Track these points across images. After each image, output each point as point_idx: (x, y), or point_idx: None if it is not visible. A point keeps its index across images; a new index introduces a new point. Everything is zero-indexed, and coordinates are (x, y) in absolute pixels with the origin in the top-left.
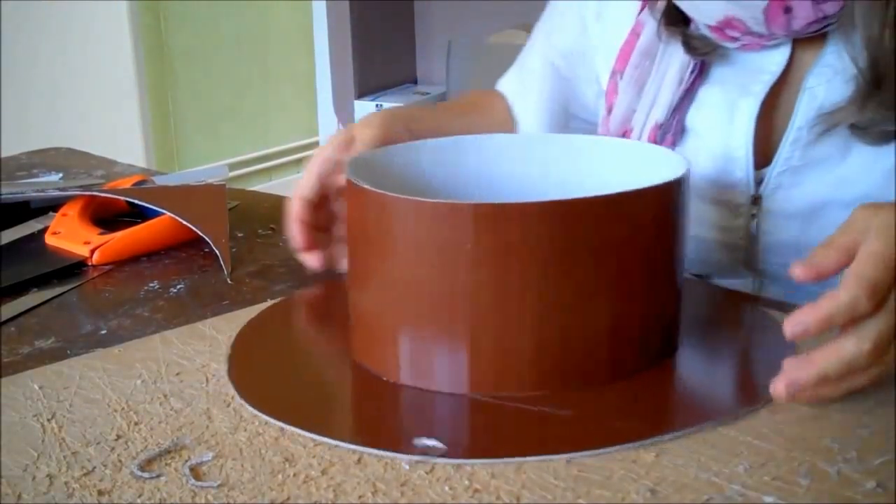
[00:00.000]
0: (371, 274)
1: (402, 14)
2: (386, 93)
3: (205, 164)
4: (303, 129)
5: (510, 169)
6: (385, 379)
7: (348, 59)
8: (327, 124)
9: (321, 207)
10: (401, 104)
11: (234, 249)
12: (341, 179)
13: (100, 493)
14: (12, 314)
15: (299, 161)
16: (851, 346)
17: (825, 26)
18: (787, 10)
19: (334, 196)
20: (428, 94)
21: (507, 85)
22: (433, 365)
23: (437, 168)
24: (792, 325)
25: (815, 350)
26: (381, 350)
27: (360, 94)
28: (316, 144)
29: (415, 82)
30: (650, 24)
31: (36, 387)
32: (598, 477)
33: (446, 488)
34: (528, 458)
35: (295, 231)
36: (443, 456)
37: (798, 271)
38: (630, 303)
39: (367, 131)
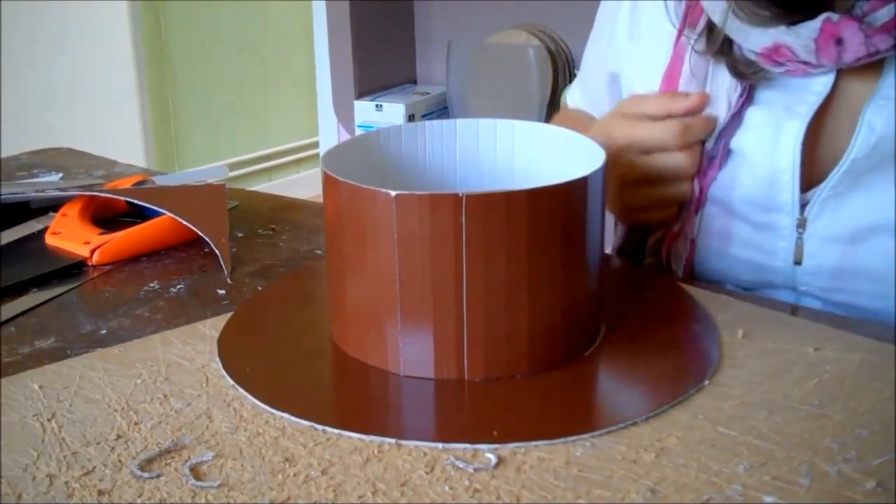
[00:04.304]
0: (354, 264)
1: (402, 14)
2: (386, 93)
3: (205, 164)
4: (303, 129)
5: (476, 155)
6: (366, 363)
7: (348, 59)
8: (327, 124)
9: None
10: (401, 104)
11: (234, 249)
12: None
13: (100, 493)
14: (12, 314)
15: (299, 161)
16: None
17: (874, 59)
18: (839, 41)
19: None
20: (428, 93)
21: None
22: (417, 351)
23: (408, 153)
24: None
25: None
26: (363, 338)
27: (360, 94)
28: (316, 144)
29: (415, 82)
30: (690, 48)
31: (36, 387)
32: (598, 477)
33: (446, 488)
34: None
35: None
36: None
37: None
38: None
39: None
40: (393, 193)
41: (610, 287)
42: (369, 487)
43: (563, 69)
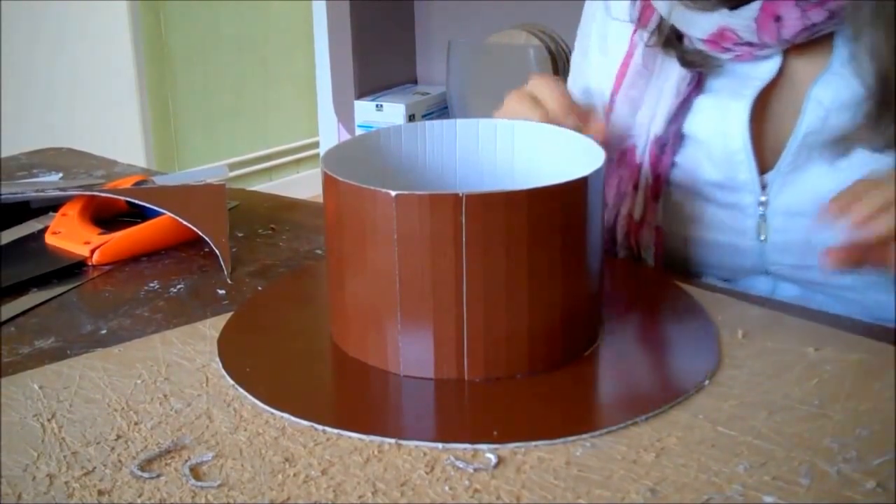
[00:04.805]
0: (354, 264)
1: (402, 14)
2: (386, 93)
3: (205, 164)
4: (303, 129)
5: (476, 155)
6: (366, 363)
7: (348, 59)
8: (327, 124)
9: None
10: (401, 104)
11: (234, 249)
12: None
13: (100, 493)
14: (12, 314)
15: (299, 161)
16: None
17: (814, 34)
18: (777, 18)
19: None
20: (428, 93)
21: None
22: (417, 351)
23: (408, 153)
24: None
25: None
26: (363, 338)
27: (360, 94)
28: (316, 144)
29: (415, 82)
30: (642, 44)
31: (36, 387)
32: (598, 477)
33: (446, 488)
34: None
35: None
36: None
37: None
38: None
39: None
40: (393, 193)
41: (609, 287)
42: (369, 487)
43: (563, 69)
